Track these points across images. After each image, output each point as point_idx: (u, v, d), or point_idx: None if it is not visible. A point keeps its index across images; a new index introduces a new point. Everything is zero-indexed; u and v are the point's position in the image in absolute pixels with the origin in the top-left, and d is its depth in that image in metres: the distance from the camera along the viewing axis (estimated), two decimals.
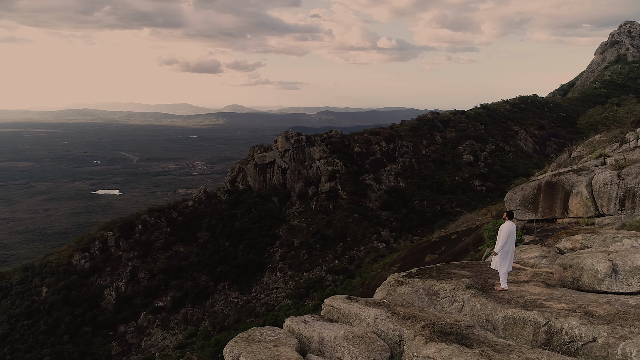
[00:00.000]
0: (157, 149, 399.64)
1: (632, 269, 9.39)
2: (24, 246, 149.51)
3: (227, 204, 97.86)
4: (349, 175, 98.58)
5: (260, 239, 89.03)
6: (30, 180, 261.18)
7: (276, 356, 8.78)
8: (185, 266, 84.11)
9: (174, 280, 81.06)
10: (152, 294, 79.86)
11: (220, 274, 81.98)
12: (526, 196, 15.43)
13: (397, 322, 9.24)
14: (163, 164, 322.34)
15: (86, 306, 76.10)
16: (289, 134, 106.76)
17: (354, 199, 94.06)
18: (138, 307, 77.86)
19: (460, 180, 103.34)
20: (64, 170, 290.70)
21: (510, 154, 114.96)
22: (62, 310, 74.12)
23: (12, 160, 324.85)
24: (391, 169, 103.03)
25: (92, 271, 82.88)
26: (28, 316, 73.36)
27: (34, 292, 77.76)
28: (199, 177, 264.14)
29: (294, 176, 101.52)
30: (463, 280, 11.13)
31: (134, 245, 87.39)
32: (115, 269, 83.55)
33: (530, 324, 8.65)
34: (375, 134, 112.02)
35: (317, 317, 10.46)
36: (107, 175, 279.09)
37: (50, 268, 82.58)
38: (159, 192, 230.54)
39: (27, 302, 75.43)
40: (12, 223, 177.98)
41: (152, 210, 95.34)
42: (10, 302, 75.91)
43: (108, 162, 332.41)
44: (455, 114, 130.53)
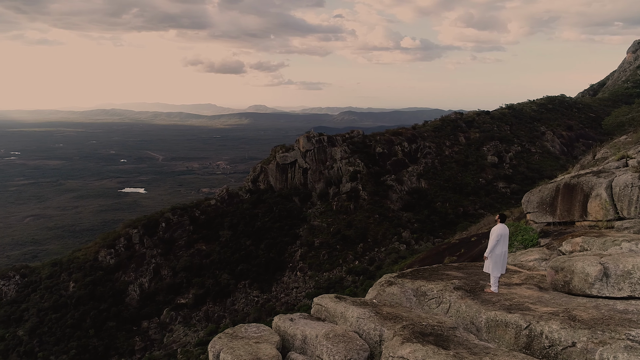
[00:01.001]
0: (182, 148, 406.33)
1: (623, 272, 9.09)
2: (54, 242, 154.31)
3: (249, 204, 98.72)
4: (370, 175, 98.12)
5: (280, 239, 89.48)
6: (60, 178, 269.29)
7: (255, 352, 8.89)
8: (207, 264, 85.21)
9: (196, 277, 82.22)
10: (175, 291, 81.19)
11: (241, 273, 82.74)
12: (544, 198, 14.99)
13: (378, 322, 9.27)
14: (187, 163, 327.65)
15: (111, 301, 77.94)
16: (311, 134, 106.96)
17: (375, 199, 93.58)
18: (161, 304, 79.28)
19: (483, 181, 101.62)
20: (92, 169, 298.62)
21: (536, 155, 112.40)
22: (88, 305, 76.12)
23: (43, 159, 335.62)
24: (413, 169, 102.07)
25: (117, 267, 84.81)
26: (56, 310, 75.59)
27: (61, 286, 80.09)
28: (222, 177, 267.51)
29: (315, 176, 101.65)
30: (452, 281, 11.03)
31: (158, 243, 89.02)
32: (139, 265, 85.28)
33: (511, 327, 8.55)
34: (397, 134, 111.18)
35: (305, 316, 10.54)
36: (134, 173, 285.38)
37: (77, 264, 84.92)
38: (183, 190, 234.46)
39: (55, 296, 77.74)
40: (42, 219, 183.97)
41: (176, 209, 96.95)
42: (39, 295, 78.38)
43: (134, 161, 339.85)
44: (479, 115, 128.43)
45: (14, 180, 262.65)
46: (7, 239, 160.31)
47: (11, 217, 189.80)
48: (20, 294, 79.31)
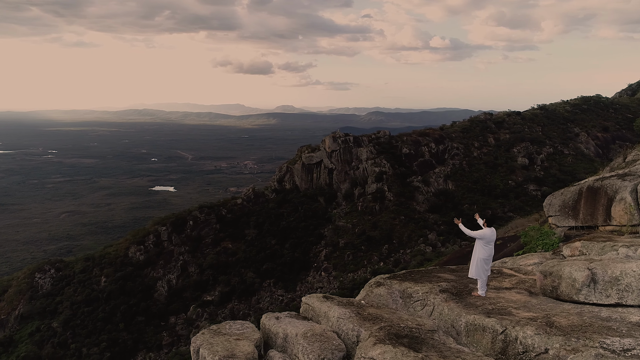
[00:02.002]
0: (211, 148, 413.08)
1: (611, 279, 8.78)
2: (87, 238, 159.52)
3: (275, 203, 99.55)
4: (396, 176, 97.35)
5: (305, 238, 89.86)
6: (94, 176, 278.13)
7: (231, 349, 9.04)
8: (232, 262, 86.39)
9: (222, 275, 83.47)
10: (201, 288, 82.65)
11: (266, 272, 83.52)
12: (566, 201, 14.53)
13: (357, 322, 9.31)
14: (216, 162, 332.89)
15: (140, 296, 79.99)
16: (337, 134, 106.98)
17: (400, 200, 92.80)
18: (188, 300, 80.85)
19: (513, 184, 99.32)
20: (124, 167, 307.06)
21: (569, 157, 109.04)
22: (118, 300, 78.36)
23: (78, 157, 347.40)
24: (440, 171, 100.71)
25: (147, 263, 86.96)
26: (88, 303, 78.13)
27: (94, 281, 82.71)
28: (249, 176, 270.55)
29: (340, 176, 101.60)
30: (440, 284, 10.93)
31: (186, 240, 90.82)
32: (167, 262, 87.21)
33: (488, 331, 8.48)
34: (424, 135, 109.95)
35: (292, 315, 10.65)
36: (164, 172, 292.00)
37: (108, 259, 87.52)
38: (211, 189, 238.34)
39: (87, 290, 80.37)
40: (77, 216, 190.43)
41: (203, 207, 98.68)
42: (73, 289, 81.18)
43: (165, 160, 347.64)
44: (510, 115, 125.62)
45: (51, 177, 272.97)
46: (44, 234, 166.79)
47: (48, 213, 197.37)
48: (55, 287, 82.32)
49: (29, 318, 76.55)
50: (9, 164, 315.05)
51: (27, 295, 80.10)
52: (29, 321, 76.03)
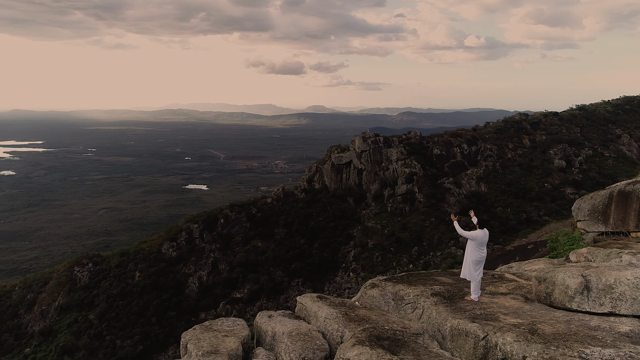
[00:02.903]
0: (243, 147, 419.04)
1: (605, 287, 8.47)
2: (124, 233, 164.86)
3: (304, 203, 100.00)
4: (427, 177, 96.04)
5: (334, 239, 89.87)
6: (131, 173, 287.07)
7: (216, 345, 9.25)
8: (262, 261, 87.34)
9: (251, 273, 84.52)
10: (231, 285, 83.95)
11: (295, 271, 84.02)
12: (596, 206, 13.91)
13: (342, 323, 9.41)
14: (247, 162, 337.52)
15: (172, 292, 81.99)
16: (367, 134, 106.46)
17: (431, 202, 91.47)
18: (218, 297, 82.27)
19: (549, 187, 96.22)
20: (159, 166, 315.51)
21: (610, 159, 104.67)
22: (151, 294, 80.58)
23: (116, 155, 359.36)
24: (472, 172, 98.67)
25: (179, 260, 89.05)
26: (123, 297, 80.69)
27: (128, 275, 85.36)
28: (280, 176, 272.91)
29: (370, 177, 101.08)
30: (433, 287, 10.84)
31: (216, 238, 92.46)
32: (198, 259, 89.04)
33: (471, 336, 8.41)
34: (456, 135, 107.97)
35: (286, 314, 10.80)
36: (197, 171, 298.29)
37: (142, 255, 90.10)
38: (243, 188, 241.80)
39: (122, 284, 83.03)
40: (114, 212, 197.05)
41: (234, 206, 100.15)
42: (108, 283, 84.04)
43: (198, 159, 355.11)
44: (546, 116, 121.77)
45: (90, 175, 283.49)
46: (84, 229, 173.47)
47: (87, 209, 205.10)
48: (92, 281, 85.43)
49: (68, 309, 79.74)
50: (52, 162, 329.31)
51: (66, 288, 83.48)
52: (67, 312, 79.22)
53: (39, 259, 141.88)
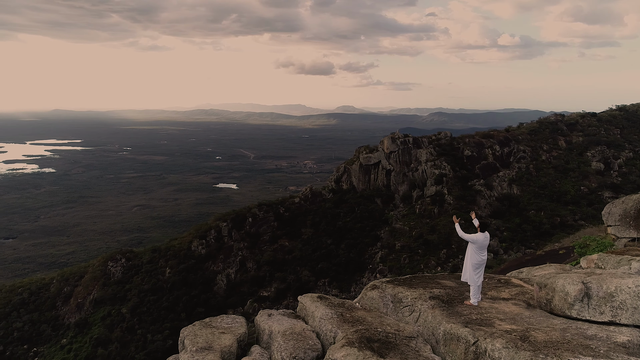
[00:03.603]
0: (272, 147, 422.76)
1: (606, 295, 8.14)
2: (156, 230, 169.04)
3: (331, 203, 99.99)
4: (457, 179, 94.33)
5: (361, 239, 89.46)
6: (163, 172, 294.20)
7: (211, 341, 9.42)
8: (289, 260, 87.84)
9: (278, 272, 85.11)
10: (258, 283, 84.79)
11: (321, 271, 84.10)
12: (627, 211, 13.25)
13: (336, 324, 9.47)
14: (276, 161, 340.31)
15: (201, 288, 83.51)
16: (396, 135, 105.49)
17: (461, 204, 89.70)
18: (245, 295, 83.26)
19: (586, 190, 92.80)
20: (191, 165, 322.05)
21: None
22: (181, 290, 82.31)
23: (150, 154, 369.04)
24: (504, 174, 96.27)
25: (207, 257, 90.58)
26: (154, 292, 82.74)
27: (159, 271, 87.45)
28: (308, 176, 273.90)
29: (398, 178, 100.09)
30: (433, 290, 10.72)
31: (244, 237, 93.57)
32: (227, 257, 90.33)
33: (462, 341, 8.35)
34: (488, 136, 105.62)
35: (286, 313, 10.90)
36: (227, 170, 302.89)
37: (173, 251, 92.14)
38: (272, 188, 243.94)
39: (153, 280, 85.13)
40: (147, 209, 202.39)
41: (262, 205, 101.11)
42: (140, 278, 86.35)
43: (228, 158, 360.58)
44: (584, 117, 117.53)
45: (125, 173, 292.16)
46: (118, 225, 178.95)
47: (122, 206, 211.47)
48: (125, 275, 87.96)
49: (102, 303, 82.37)
50: (89, 160, 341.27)
51: (100, 282, 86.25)
52: (101, 306, 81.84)
53: (75, 254, 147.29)
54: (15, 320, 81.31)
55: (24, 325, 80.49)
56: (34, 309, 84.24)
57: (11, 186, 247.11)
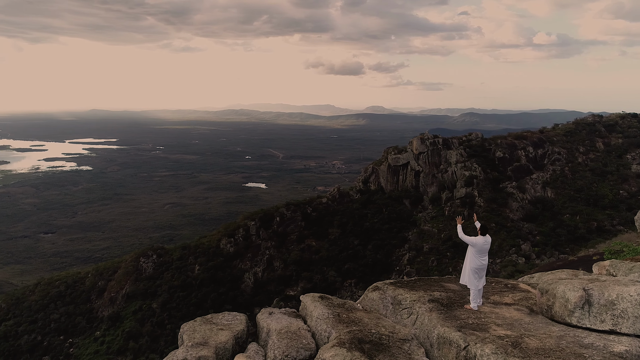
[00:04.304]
0: (301, 147, 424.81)
1: (607, 302, 7.88)
2: (187, 228, 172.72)
3: (359, 204, 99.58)
4: (487, 181, 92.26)
5: (389, 241, 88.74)
6: (194, 171, 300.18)
7: (207, 337, 9.63)
8: (316, 260, 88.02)
9: (305, 272, 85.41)
10: (285, 282, 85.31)
11: (348, 271, 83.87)
12: None
13: (331, 324, 9.54)
14: (305, 161, 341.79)
15: (228, 286, 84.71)
16: (425, 135, 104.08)
17: (492, 207, 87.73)
18: (272, 293, 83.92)
19: (625, 194, 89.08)
20: (221, 164, 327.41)
21: None
22: (209, 287, 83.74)
23: (182, 153, 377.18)
24: (538, 177, 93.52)
25: (236, 255, 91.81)
26: (183, 289, 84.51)
27: (189, 268, 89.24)
28: (337, 176, 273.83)
29: (427, 179, 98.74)
30: (433, 293, 10.62)
31: (272, 236, 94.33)
32: (254, 255, 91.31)
33: (454, 345, 8.32)
34: (521, 138, 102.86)
35: (288, 312, 11.02)
36: (256, 170, 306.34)
37: (202, 249, 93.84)
38: (300, 187, 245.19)
39: (183, 276, 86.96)
40: (179, 207, 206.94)
41: (290, 205, 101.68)
42: (170, 274, 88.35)
43: (257, 158, 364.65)
44: (624, 118, 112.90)
45: (158, 171, 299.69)
46: (151, 222, 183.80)
47: (154, 203, 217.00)
48: (156, 271, 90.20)
49: (134, 297, 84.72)
50: (124, 158, 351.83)
51: (132, 277, 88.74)
52: (133, 300, 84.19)
53: (110, 249, 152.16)
54: (52, 312, 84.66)
55: (61, 316, 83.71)
56: (70, 302, 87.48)
57: (51, 183, 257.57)
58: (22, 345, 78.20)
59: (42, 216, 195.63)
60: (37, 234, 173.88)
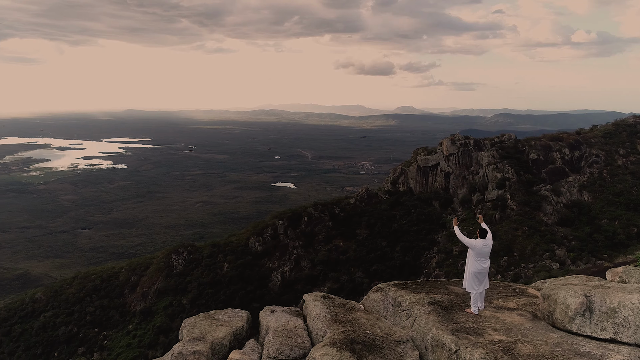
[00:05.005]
0: (330, 147, 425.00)
1: (608, 310, 7.55)
2: (217, 226, 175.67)
3: (387, 205, 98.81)
4: (520, 184, 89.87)
5: (417, 243, 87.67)
6: (225, 170, 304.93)
7: (205, 332, 9.79)
8: (343, 260, 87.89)
9: (332, 272, 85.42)
10: (312, 282, 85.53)
11: (375, 273, 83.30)
12: None
13: (327, 324, 9.61)
14: (334, 162, 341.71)
15: (256, 284, 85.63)
16: (456, 136, 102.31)
17: (524, 210, 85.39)
18: (299, 293, 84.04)
19: None
20: (251, 164, 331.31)
21: None
22: (237, 285, 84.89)
23: (213, 153, 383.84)
24: (574, 180, 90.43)
25: (264, 254, 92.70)
26: (212, 286, 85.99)
27: (218, 266, 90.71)
28: (365, 176, 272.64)
29: (457, 181, 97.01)
30: (434, 296, 10.52)
31: (300, 235, 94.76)
32: (282, 254, 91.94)
33: (446, 349, 8.27)
34: (556, 139, 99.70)
35: (290, 310, 11.12)
36: (285, 169, 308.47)
37: (231, 247, 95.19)
38: (329, 188, 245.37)
39: (212, 273, 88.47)
40: (209, 206, 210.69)
41: (317, 205, 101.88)
42: (200, 271, 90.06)
43: (287, 158, 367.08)
44: None
45: (189, 170, 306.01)
46: (182, 220, 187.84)
47: (186, 201, 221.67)
48: (187, 268, 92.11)
49: (165, 293, 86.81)
50: (157, 157, 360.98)
51: (164, 273, 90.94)
52: (164, 296, 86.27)
53: (143, 245, 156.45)
54: (88, 304, 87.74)
55: (96, 309, 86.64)
56: (104, 296, 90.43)
57: (89, 180, 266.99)
58: (59, 336, 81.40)
59: (80, 212, 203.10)
60: (75, 230, 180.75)
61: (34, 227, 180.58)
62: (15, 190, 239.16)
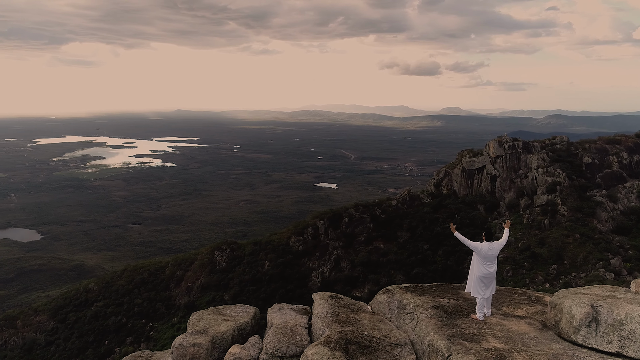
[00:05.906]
0: (373, 148, 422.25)
1: (615, 322, 7.08)
2: (259, 225, 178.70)
3: (430, 207, 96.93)
4: (572, 188, 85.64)
5: (460, 247, 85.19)
6: (268, 169, 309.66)
7: (208, 326, 9.98)
8: (383, 262, 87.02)
9: (372, 274, 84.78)
10: (351, 283, 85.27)
11: (416, 276, 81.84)
12: None
13: (327, 323, 9.67)
14: (377, 163, 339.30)
15: (296, 283, 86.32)
16: (503, 138, 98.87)
17: (577, 216, 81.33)
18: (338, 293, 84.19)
19: None
20: (294, 163, 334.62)
21: None
22: (278, 283, 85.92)
23: (257, 152, 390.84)
24: (632, 185, 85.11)
25: (304, 254, 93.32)
26: (253, 283, 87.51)
27: (259, 264, 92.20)
28: (409, 178, 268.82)
29: (504, 185, 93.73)
30: (440, 300, 10.38)
31: (340, 236, 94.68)
32: (322, 254, 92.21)
33: (439, 354, 8.18)
34: (614, 142, 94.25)
35: (298, 308, 11.24)
36: (328, 170, 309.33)
37: (272, 245, 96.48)
38: (371, 189, 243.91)
39: (253, 271, 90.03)
40: (252, 204, 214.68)
41: (358, 206, 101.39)
42: (242, 269, 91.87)
43: (329, 158, 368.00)
44: None
45: (234, 169, 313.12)
46: (226, 217, 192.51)
47: (230, 200, 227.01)
48: (229, 265, 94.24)
49: (208, 289, 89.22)
50: (204, 156, 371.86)
51: (207, 269, 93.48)
52: (207, 291, 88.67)
53: (189, 241, 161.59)
54: (136, 296, 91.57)
55: (143, 302, 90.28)
56: (151, 288, 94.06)
57: (139, 177, 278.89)
58: (109, 326, 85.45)
59: (131, 208, 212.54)
60: (126, 224, 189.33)
61: (89, 221, 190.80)
62: (73, 186, 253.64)
